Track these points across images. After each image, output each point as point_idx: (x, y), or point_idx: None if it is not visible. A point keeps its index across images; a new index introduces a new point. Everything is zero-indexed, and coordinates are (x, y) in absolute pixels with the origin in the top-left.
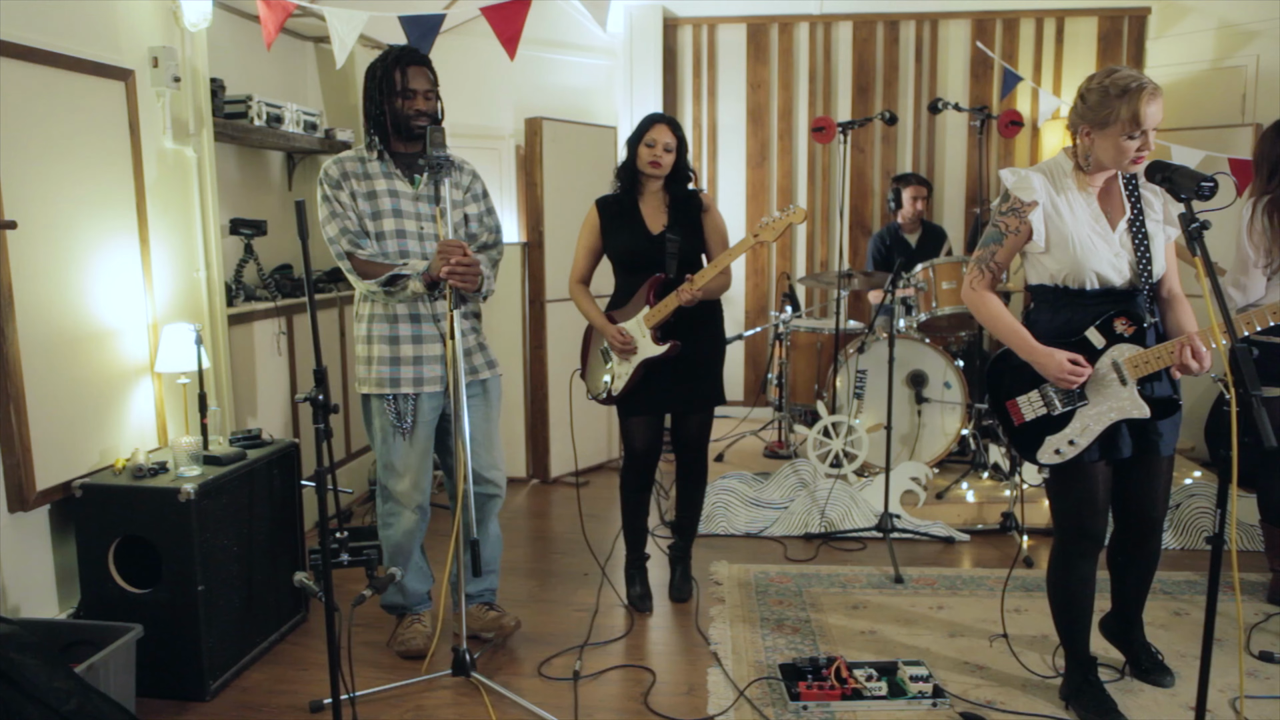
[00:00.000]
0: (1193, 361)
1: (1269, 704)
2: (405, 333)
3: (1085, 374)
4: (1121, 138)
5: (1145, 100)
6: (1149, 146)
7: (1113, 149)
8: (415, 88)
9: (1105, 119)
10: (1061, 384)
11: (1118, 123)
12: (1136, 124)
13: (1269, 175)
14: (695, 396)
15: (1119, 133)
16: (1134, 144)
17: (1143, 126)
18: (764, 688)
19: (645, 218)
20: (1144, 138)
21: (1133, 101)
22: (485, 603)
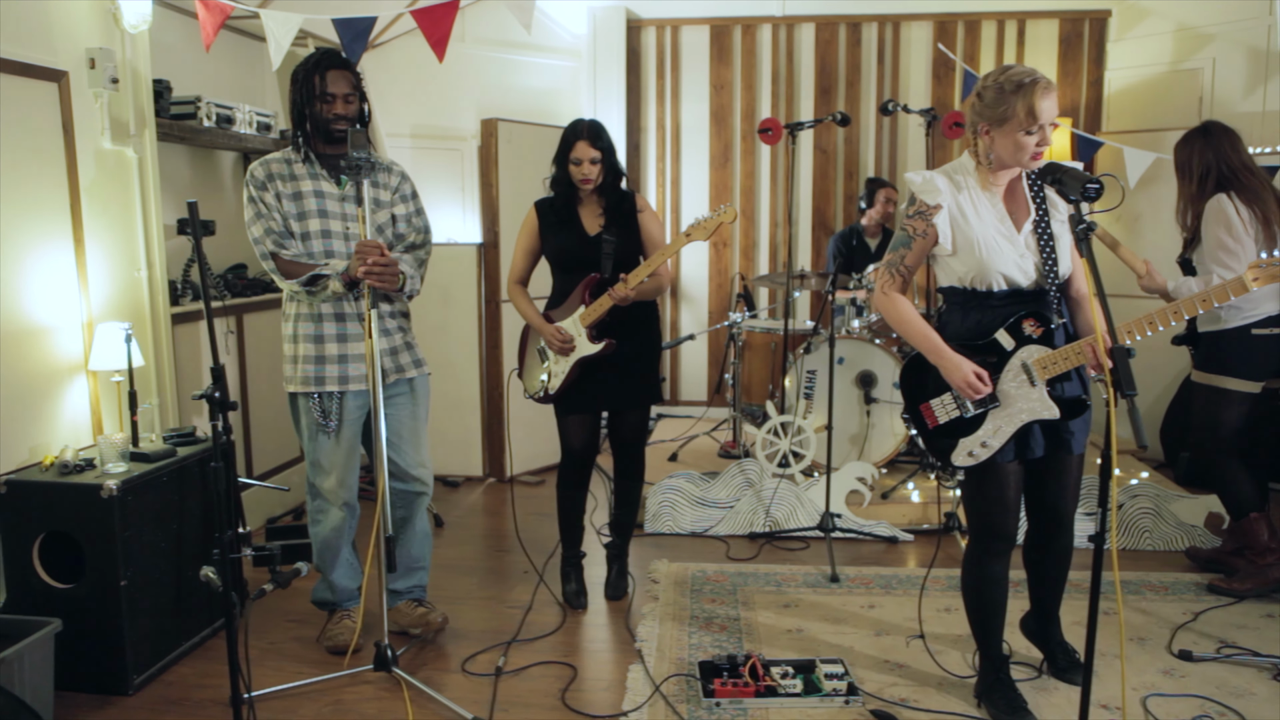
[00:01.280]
0: (1106, 359)
1: (1180, 702)
2: (330, 331)
3: (984, 390)
4: (1019, 133)
5: (1039, 95)
6: (1047, 142)
7: (1012, 145)
8: (334, 91)
9: (1003, 115)
10: (963, 394)
11: (1014, 118)
12: (1033, 118)
13: (1203, 175)
14: (631, 394)
15: (1016, 128)
16: (1032, 139)
17: (1039, 121)
18: (681, 685)
19: (582, 219)
20: (1041, 133)
21: (1028, 96)
22: (414, 599)
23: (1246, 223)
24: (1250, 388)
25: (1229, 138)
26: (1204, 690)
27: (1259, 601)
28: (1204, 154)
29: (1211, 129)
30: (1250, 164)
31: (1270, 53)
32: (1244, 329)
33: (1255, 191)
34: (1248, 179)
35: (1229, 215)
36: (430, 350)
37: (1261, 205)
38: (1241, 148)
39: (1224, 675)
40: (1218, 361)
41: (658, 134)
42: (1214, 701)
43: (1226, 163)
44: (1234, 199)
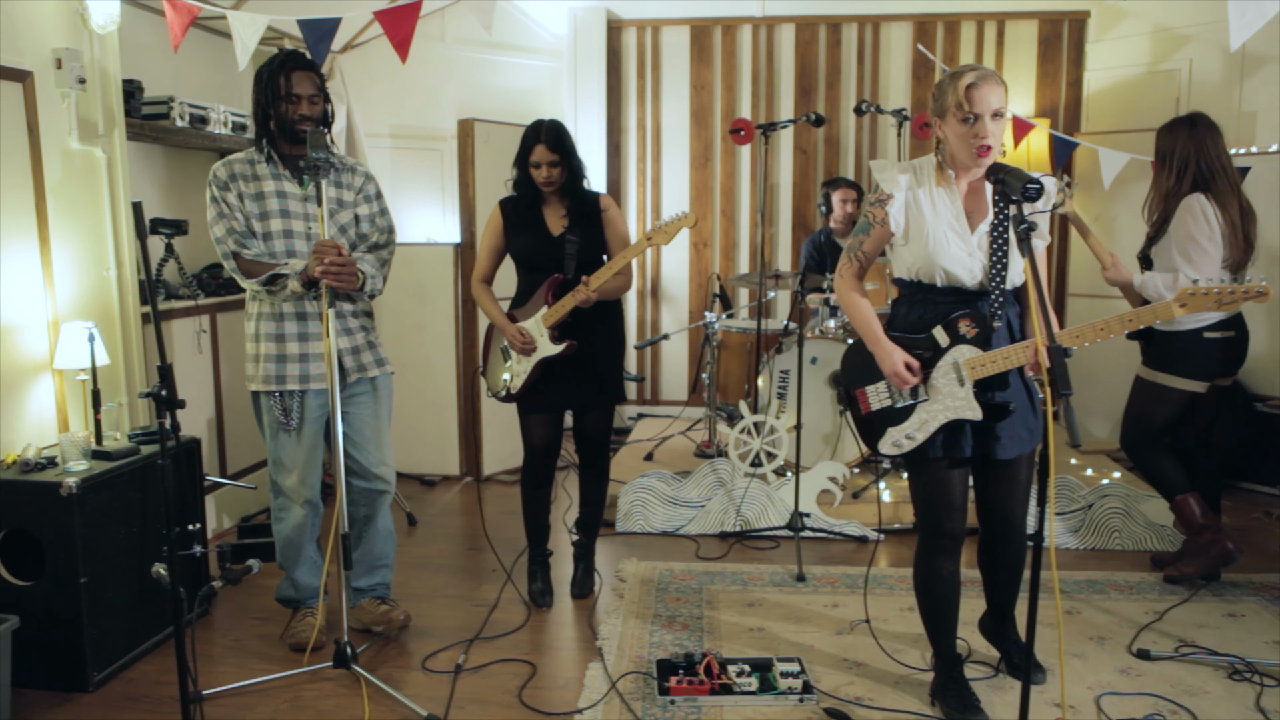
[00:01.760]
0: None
1: (1134, 701)
2: (291, 330)
3: (912, 380)
4: (957, 122)
5: (968, 81)
6: (986, 133)
7: (954, 137)
8: (299, 92)
9: (944, 106)
10: (892, 382)
11: (952, 107)
12: (964, 106)
13: (1181, 168)
14: (594, 394)
15: (955, 117)
16: (969, 128)
17: (973, 109)
18: (638, 682)
19: (546, 219)
20: (979, 123)
21: (959, 84)
22: (378, 597)
23: (1219, 227)
24: (1195, 387)
25: (1213, 134)
26: (1159, 689)
27: (1221, 600)
28: (1187, 146)
29: (1198, 121)
30: (1227, 165)
31: (1245, 54)
32: (1197, 332)
33: (1225, 196)
34: (1222, 181)
35: (1208, 216)
36: (407, 349)
37: (1229, 213)
38: (1223, 147)
39: (1180, 674)
40: (1167, 361)
41: (638, 134)
42: (1168, 700)
43: (1207, 160)
44: (1211, 201)
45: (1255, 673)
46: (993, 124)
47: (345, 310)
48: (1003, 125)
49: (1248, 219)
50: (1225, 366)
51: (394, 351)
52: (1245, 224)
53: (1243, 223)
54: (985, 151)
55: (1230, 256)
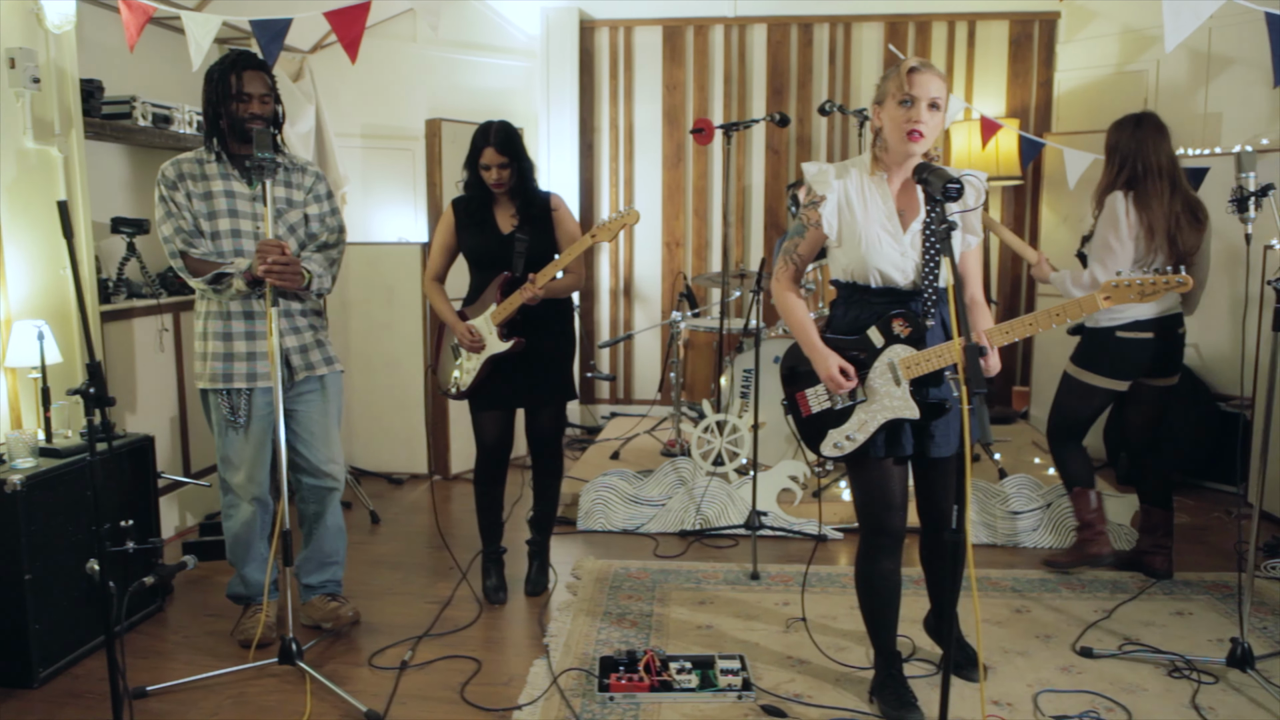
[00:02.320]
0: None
1: (1071, 698)
2: (238, 329)
3: (847, 385)
4: (895, 105)
5: (912, 65)
6: (920, 119)
7: (890, 121)
8: (250, 92)
9: (884, 93)
10: (828, 386)
11: (893, 89)
12: (906, 87)
13: (1120, 166)
14: (544, 391)
15: (894, 99)
16: (905, 112)
17: (912, 90)
18: (581, 679)
19: (497, 218)
20: (915, 107)
21: (900, 70)
22: (328, 593)
23: (1132, 226)
24: (1112, 385)
25: (1156, 135)
26: (1098, 687)
27: (1171, 599)
28: (1128, 145)
29: (1144, 121)
30: (1166, 166)
31: (1211, 55)
32: (1110, 330)
33: (1151, 197)
34: (1153, 183)
35: (1118, 215)
36: (375, 348)
37: (1150, 214)
38: (1166, 148)
39: (1121, 672)
40: (1087, 357)
41: (611, 134)
42: (1105, 698)
43: (1143, 160)
44: (1129, 200)
45: (1194, 670)
46: (928, 113)
47: (294, 309)
48: (939, 119)
49: (1182, 221)
50: (1146, 368)
51: (362, 350)
52: (1174, 226)
53: (1171, 224)
54: (916, 136)
55: (1144, 257)
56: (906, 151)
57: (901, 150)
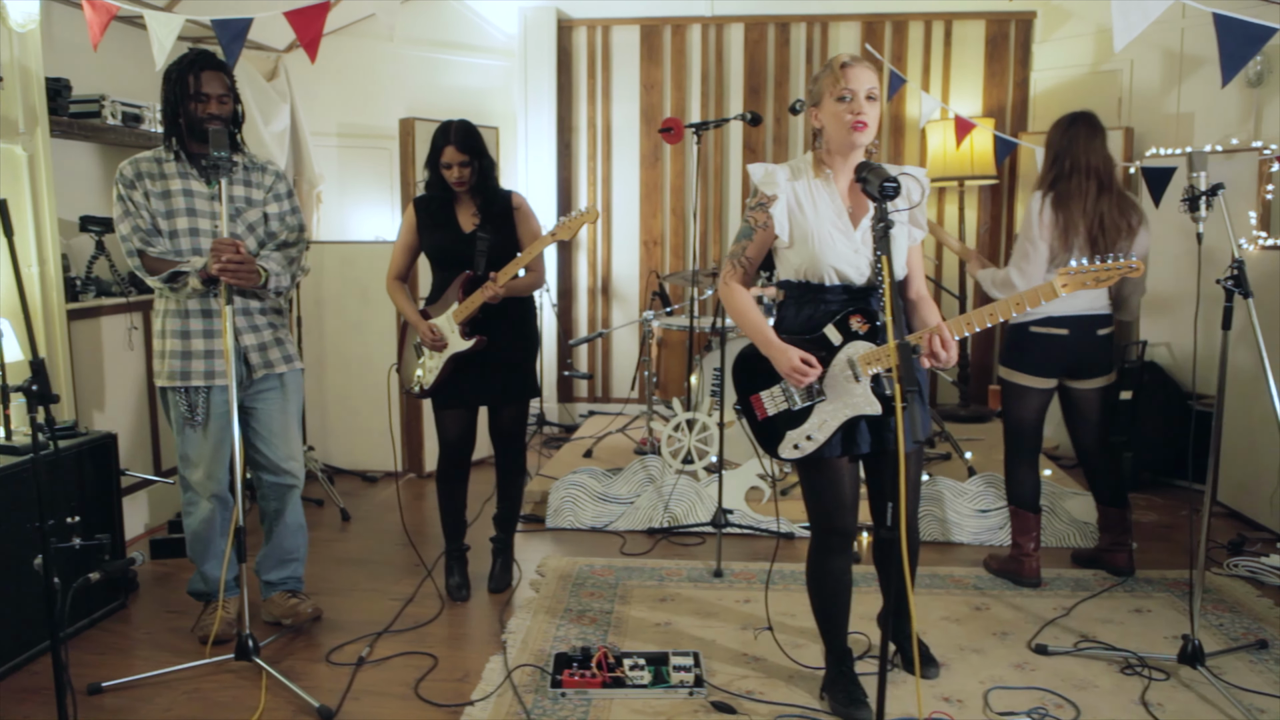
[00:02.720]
0: (941, 350)
1: (1022, 694)
2: (196, 327)
3: (812, 374)
4: (833, 101)
5: (843, 60)
6: (860, 111)
7: (831, 117)
8: (208, 92)
9: (820, 92)
10: (791, 380)
11: (829, 86)
12: (842, 82)
13: (1050, 164)
14: (507, 390)
15: (831, 96)
16: (845, 106)
17: (849, 84)
18: (535, 675)
19: (458, 217)
20: (854, 100)
21: (834, 65)
22: (288, 590)
23: (1046, 227)
24: (1036, 383)
25: (1088, 134)
26: (1049, 683)
27: (1132, 596)
28: (1060, 143)
29: (1077, 120)
30: (1096, 166)
31: (1184, 55)
32: (1023, 326)
33: (1072, 198)
34: (1077, 182)
35: (1031, 216)
36: (350, 346)
37: (1068, 214)
38: (1097, 147)
39: (1074, 668)
40: (1008, 354)
41: (589, 133)
42: (1055, 694)
43: (1071, 158)
44: (1046, 201)
45: (1146, 666)
46: (867, 104)
47: (252, 308)
48: (877, 110)
49: (1106, 222)
50: (1065, 366)
51: (336, 349)
52: (1096, 226)
53: (1093, 225)
54: (861, 126)
55: (1061, 256)
56: (852, 143)
57: (846, 143)
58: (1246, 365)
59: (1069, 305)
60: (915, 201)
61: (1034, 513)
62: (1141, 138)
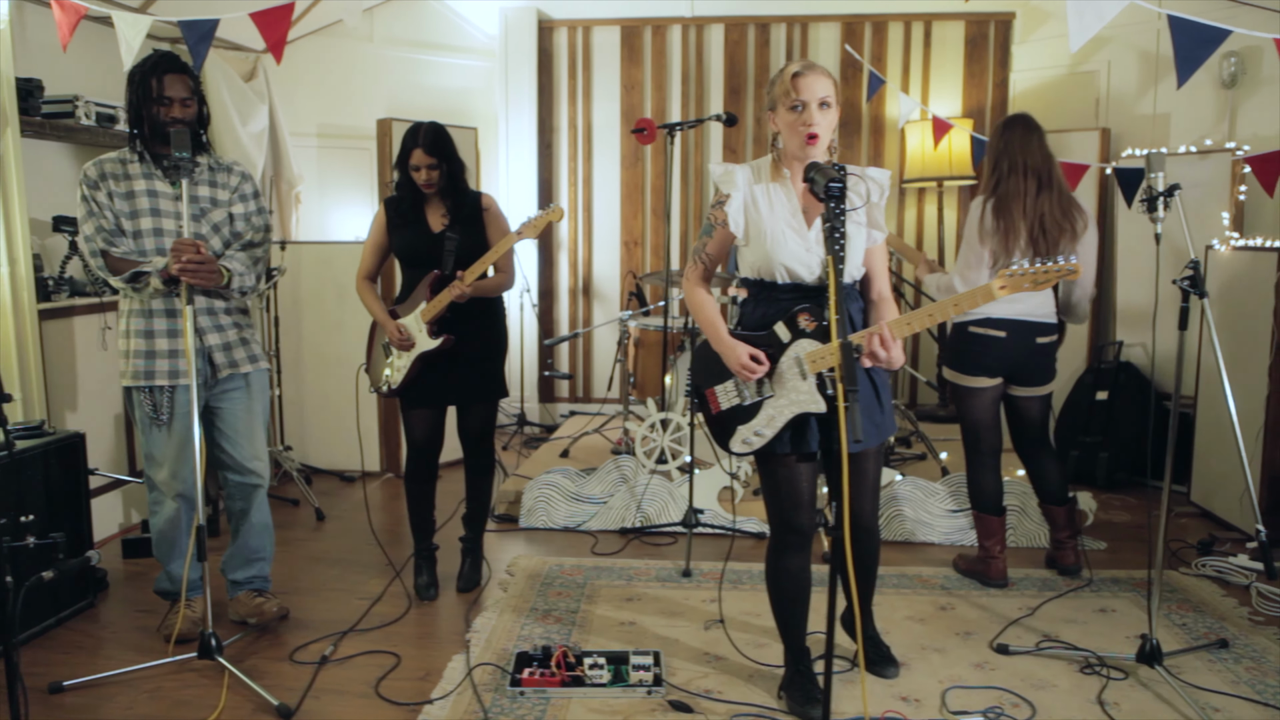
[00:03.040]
0: (880, 349)
1: (979, 694)
2: (160, 327)
3: (760, 370)
4: (786, 110)
5: (795, 70)
6: (813, 120)
7: (785, 126)
8: (171, 95)
9: (776, 98)
10: (740, 376)
11: (781, 96)
12: (793, 93)
13: (992, 169)
14: (475, 390)
15: (784, 105)
16: (797, 116)
17: (800, 96)
18: (495, 675)
19: (428, 218)
20: (806, 111)
21: (786, 74)
22: (254, 589)
23: (988, 233)
24: (978, 383)
25: (1024, 134)
26: (1008, 683)
27: (1097, 596)
28: (997, 146)
29: (1013, 122)
30: (1035, 164)
31: (1159, 56)
32: (962, 326)
33: (1012, 199)
34: (1016, 183)
35: (973, 220)
36: (328, 345)
37: (1008, 217)
38: (1035, 146)
39: (1033, 668)
40: (950, 356)
41: (569, 134)
42: (1012, 693)
43: (1009, 159)
44: (988, 206)
45: (1105, 666)
46: (820, 113)
47: (217, 307)
48: (831, 116)
49: (1047, 222)
50: (1004, 368)
51: (315, 349)
52: (1037, 226)
53: (1034, 224)
54: (813, 139)
55: (1004, 260)
56: (804, 155)
57: (800, 154)
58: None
59: (1009, 308)
60: (873, 202)
61: (997, 516)
62: (1118, 138)
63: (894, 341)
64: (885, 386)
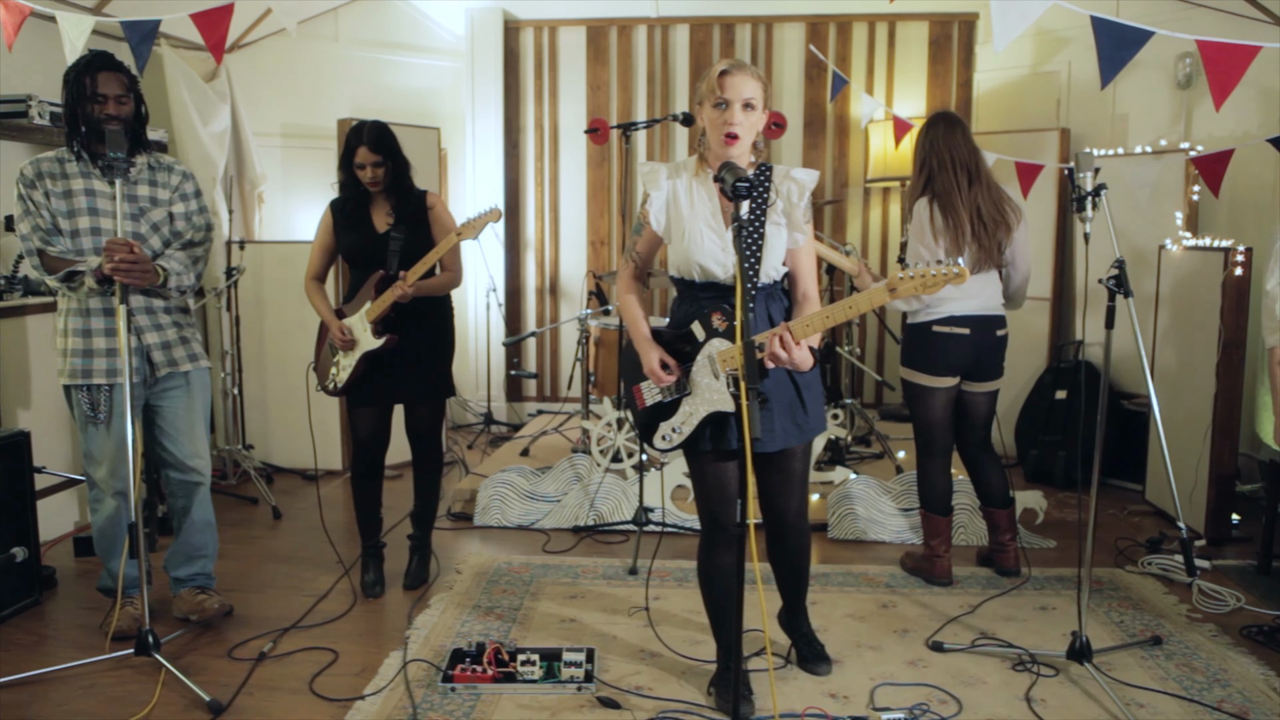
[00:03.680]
0: (781, 351)
1: (908, 691)
2: (98, 326)
3: (668, 379)
4: (711, 108)
5: (722, 68)
6: (734, 121)
7: (709, 125)
8: (105, 93)
9: (703, 95)
10: (651, 380)
11: (707, 93)
12: (718, 91)
13: (920, 169)
14: (421, 389)
15: (709, 103)
16: (720, 114)
17: (724, 94)
18: (430, 671)
19: (373, 218)
20: (729, 110)
21: (713, 72)
22: (197, 586)
23: (940, 230)
24: (938, 383)
25: (947, 130)
26: (941, 680)
27: (1039, 594)
28: (924, 146)
29: (936, 120)
30: (961, 158)
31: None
32: (926, 325)
33: (950, 193)
34: (947, 178)
35: (923, 221)
36: (290, 346)
37: (954, 212)
38: (959, 141)
39: (965, 665)
40: (909, 355)
41: (536, 134)
42: (942, 690)
43: (937, 156)
44: (933, 205)
45: (1036, 663)
46: (743, 114)
47: (156, 306)
48: (755, 118)
49: (983, 213)
50: (965, 366)
51: (277, 348)
52: (975, 217)
53: (972, 216)
54: (732, 140)
55: (956, 252)
56: (724, 154)
57: (720, 152)
58: (1173, 364)
59: (970, 305)
60: (794, 203)
61: (944, 515)
62: (1078, 138)
63: (798, 344)
64: (810, 386)
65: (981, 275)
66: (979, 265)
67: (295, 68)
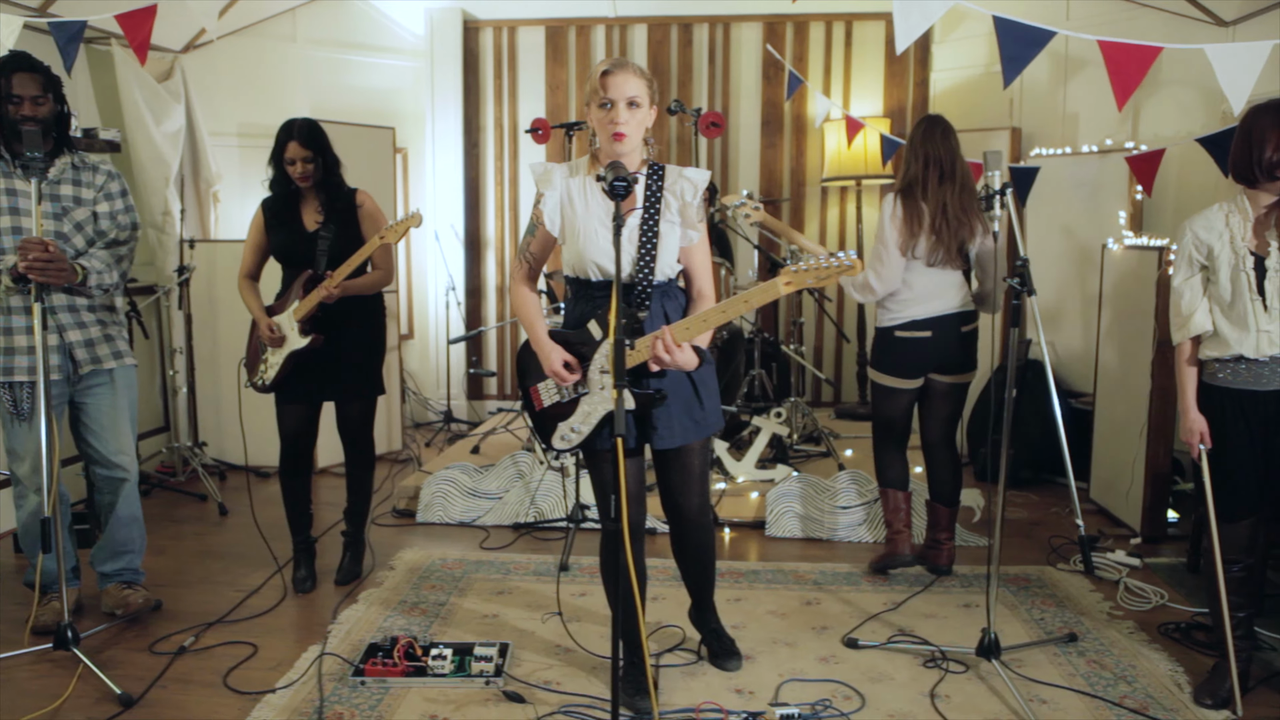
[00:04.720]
0: (664, 354)
1: (813, 687)
2: (19, 324)
3: (571, 378)
4: (596, 108)
5: (604, 68)
6: (620, 119)
7: (596, 125)
8: (20, 93)
9: (588, 96)
10: (554, 380)
11: (590, 93)
12: (601, 92)
13: (906, 167)
14: (349, 387)
15: (594, 103)
16: (606, 114)
17: (608, 94)
18: (343, 665)
19: (303, 216)
20: (614, 109)
21: (595, 72)
22: (123, 581)
23: (898, 221)
24: (903, 384)
25: (929, 129)
26: (849, 677)
27: (966, 591)
28: (910, 145)
29: (921, 121)
30: (936, 157)
31: (1069, 56)
32: (888, 330)
33: (915, 188)
34: (915, 172)
35: (884, 218)
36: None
37: (916, 210)
38: (938, 141)
39: (876, 661)
40: (874, 357)
41: (495, 133)
42: (848, 686)
43: (915, 155)
44: (898, 202)
45: (947, 660)
46: (628, 112)
47: (79, 304)
48: (641, 116)
49: (950, 211)
50: (931, 365)
51: (230, 346)
52: (939, 216)
53: (937, 214)
54: (620, 137)
55: (911, 242)
56: (613, 151)
57: (609, 151)
58: (1116, 364)
59: (930, 307)
60: (687, 201)
61: (902, 490)
62: (1029, 138)
63: (680, 346)
64: (706, 383)
65: (941, 275)
66: (935, 259)
67: (253, 68)
